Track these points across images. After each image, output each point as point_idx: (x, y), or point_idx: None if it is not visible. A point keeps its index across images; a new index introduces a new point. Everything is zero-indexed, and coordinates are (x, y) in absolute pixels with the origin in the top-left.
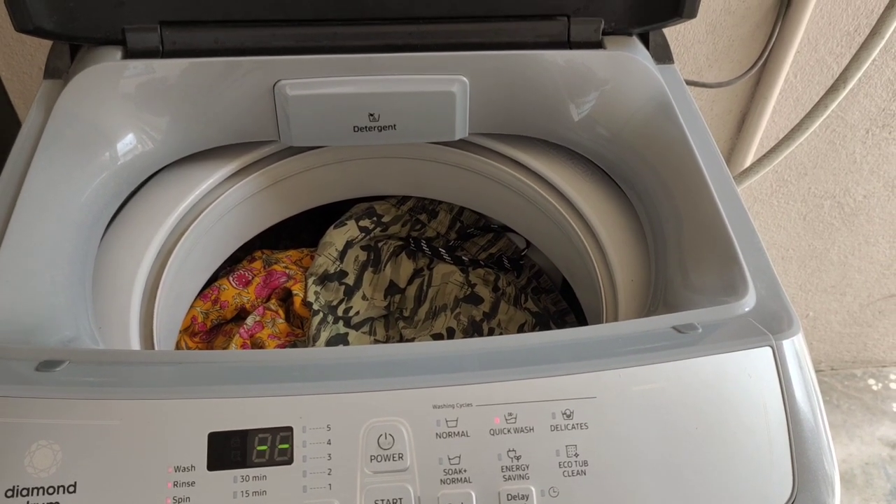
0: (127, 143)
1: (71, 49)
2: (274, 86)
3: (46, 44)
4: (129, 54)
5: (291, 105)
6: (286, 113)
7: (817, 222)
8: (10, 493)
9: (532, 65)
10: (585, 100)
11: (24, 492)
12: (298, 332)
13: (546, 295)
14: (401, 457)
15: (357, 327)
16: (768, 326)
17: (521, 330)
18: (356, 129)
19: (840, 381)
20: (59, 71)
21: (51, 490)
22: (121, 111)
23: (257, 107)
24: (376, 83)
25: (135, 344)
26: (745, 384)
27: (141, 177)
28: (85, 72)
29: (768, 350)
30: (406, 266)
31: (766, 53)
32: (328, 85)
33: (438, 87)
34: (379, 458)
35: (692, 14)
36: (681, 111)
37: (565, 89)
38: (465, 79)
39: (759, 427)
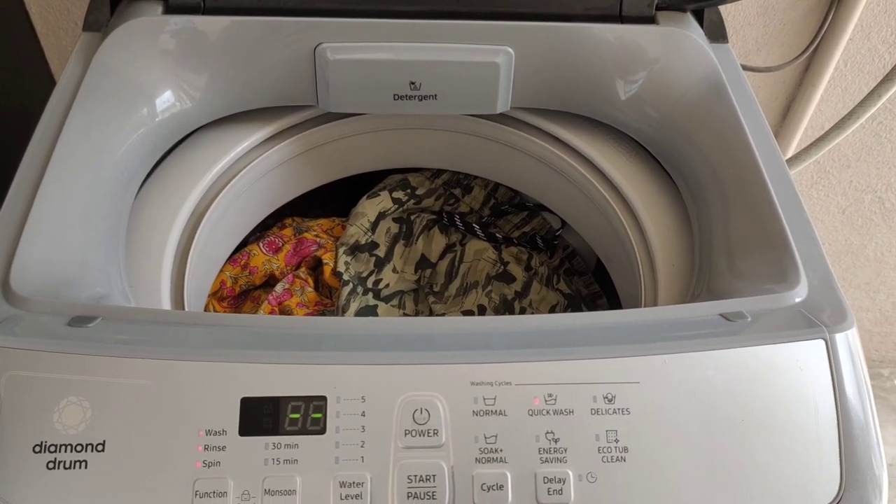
0: (165, 100)
1: (111, 2)
2: (315, 49)
3: None
4: (170, 9)
5: (332, 69)
6: (326, 77)
7: (856, 217)
8: (38, 449)
9: (581, 38)
10: (634, 77)
11: (52, 448)
12: (327, 301)
13: (578, 277)
14: (436, 433)
15: (386, 300)
16: (821, 319)
17: (552, 311)
18: (396, 97)
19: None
20: (98, 24)
21: (79, 447)
22: (160, 67)
23: (297, 70)
24: (419, 51)
25: (165, 304)
26: (795, 377)
27: (178, 135)
28: (125, 25)
29: (821, 343)
30: (438, 240)
31: (818, 40)
32: (370, 50)
33: (483, 57)
34: (413, 433)
35: None
36: (734, 93)
37: (614, 66)
38: (510, 50)
39: (807, 422)
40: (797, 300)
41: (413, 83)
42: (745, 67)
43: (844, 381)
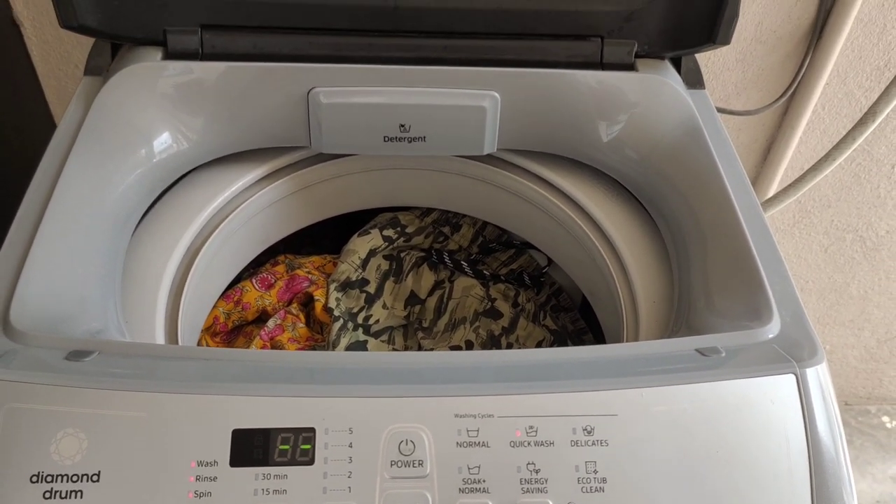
0: (162, 141)
1: (112, 48)
2: (308, 93)
3: (83, 43)
4: (169, 55)
5: (324, 112)
6: (319, 120)
7: (838, 255)
8: (35, 479)
9: (564, 84)
10: (615, 121)
11: (49, 478)
12: (318, 337)
13: (565, 313)
14: (421, 463)
15: (376, 335)
16: (792, 354)
17: (539, 346)
18: (386, 139)
19: (854, 417)
20: (99, 68)
21: (75, 478)
22: (158, 110)
23: (290, 112)
24: (408, 94)
25: (160, 339)
26: (767, 410)
27: (174, 175)
28: (125, 70)
29: (792, 377)
30: (427, 277)
31: (795, 84)
32: (361, 94)
33: (470, 101)
34: (399, 464)
35: (726, 41)
36: (711, 137)
37: (596, 110)
38: (496, 94)
39: (779, 455)
40: (770, 336)
41: (403, 126)
42: (724, 111)
43: (815, 415)
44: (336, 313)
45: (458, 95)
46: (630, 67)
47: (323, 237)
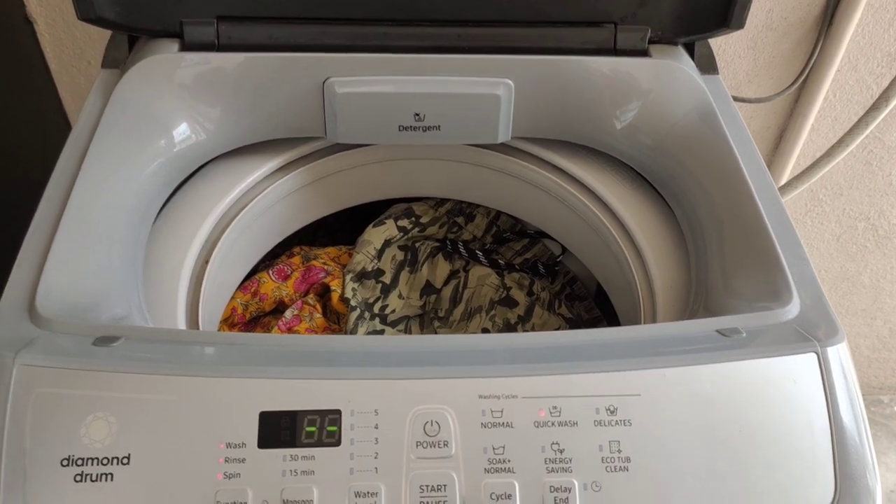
0: (181, 132)
1: (129, 40)
2: (324, 83)
3: (96, 39)
4: (186, 47)
5: (339, 102)
6: (334, 110)
7: (850, 244)
8: (65, 462)
9: (577, 70)
10: (629, 107)
11: (80, 461)
12: (335, 327)
13: (580, 302)
14: (446, 444)
15: (393, 325)
16: (812, 333)
17: None
18: (401, 128)
19: (866, 407)
20: (117, 61)
21: (105, 461)
22: (176, 101)
23: (306, 103)
24: (423, 83)
25: (181, 328)
26: (789, 390)
27: (192, 166)
28: (143, 62)
29: (813, 356)
30: (442, 267)
31: (807, 71)
32: (376, 84)
33: (484, 89)
34: (425, 445)
35: (740, 24)
36: (725, 121)
37: (609, 96)
38: (510, 82)
39: (802, 433)
40: (790, 317)
41: (417, 115)
42: (736, 99)
43: (837, 393)
44: (352, 303)
45: (472, 83)
46: (643, 53)
47: (338, 229)
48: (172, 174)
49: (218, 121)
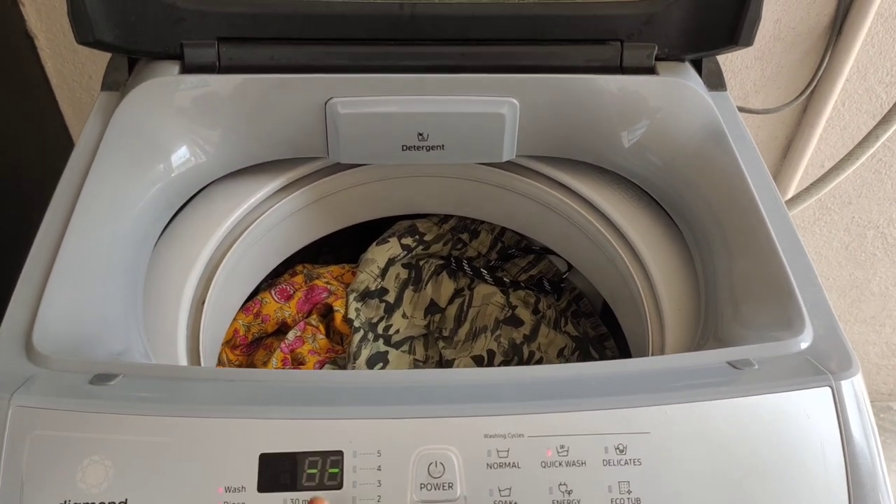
0: (181, 155)
1: (129, 62)
2: (325, 103)
3: (97, 55)
4: (187, 69)
5: (342, 122)
6: (336, 130)
7: (859, 252)
8: None
9: (583, 89)
10: (637, 126)
11: None
12: (339, 348)
13: (586, 319)
14: (451, 486)
15: (397, 346)
16: (826, 365)
17: (560, 353)
18: (404, 147)
19: (876, 414)
20: (116, 84)
21: None
22: (176, 124)
23: (308, 123)
24: (426, 103)
25: (182, 355)
26: (802, 425)
27: (193, 189)
28: (142, 85)
29: (828, 390)
30: (447, 286)
31: (815, 81)
32: (379, 104)
33: (488, 108)
34: (429, 487)
35: (748, 42)
36: (733, 139)
37: (616, 115)
38: (515, 101)
39: (816, 469)
40: (802, 346)
41: (421, 134)
42: (743, 110)
43: (851, 427)
44: (356, 324)
45: (476, 103)
46: (650, 71)
47: (341, 246)
48: (172, 198)
49: (218, 143)
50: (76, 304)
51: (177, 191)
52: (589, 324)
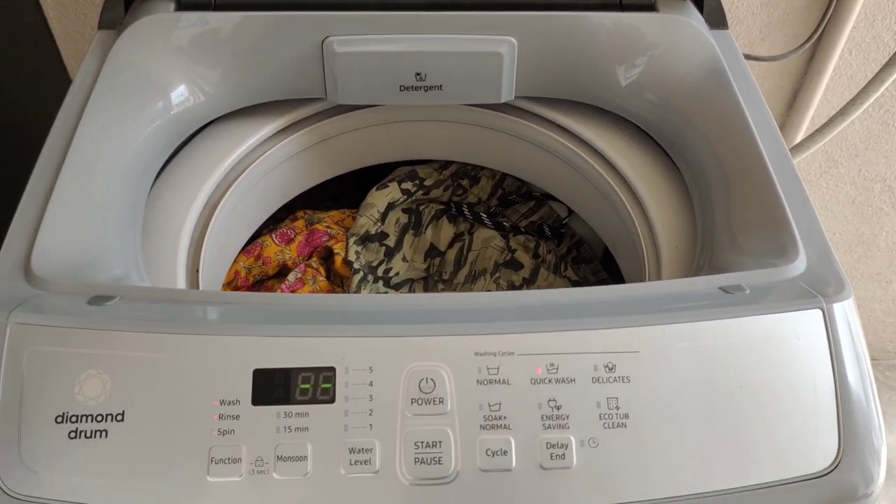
0: (179, 94)
1: (125, 1)
2: (322, 42)
3: (98, 3)
4: (182, 6)
5: (339, 62)
6: (333, 70)
7: (866, 206)
8: (59, 420)
9: (581, 26)
10: (635, 64)
11: (74, 418)
12: (339, 290)
13: (586, 265)
14: (441, 401)
15: (396, 287)
16: (819, 290)
17: None
18: (402, 88)
19: (881, 372)
20: (113, 22)
21: (99, 418)
22: (174, 62)
23: (305, 63)
24: (424, 42)
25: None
26: (792, 346)
27: (191, 129)
28: (138, 22)
29: (818, 312)
30: (447, 230)
31: (822, 28)
32: (376, 42)
33: (486, 47)
34: (420, 402)
35: None
36: (734, 78)
37: (614, 53)
38: (513, 39)
39: (805, 390)
40: (796, 274)
41: (419, 74)
42: (749, 57)
43: (842, 350)
44: (356, 266)
45: (474, 41)
46: (650, 8)
47: (342, 194)
48: (171, 136)
49: (216, 82)
50: (75, 231)
51: (175, 129)
52: (589, 269)
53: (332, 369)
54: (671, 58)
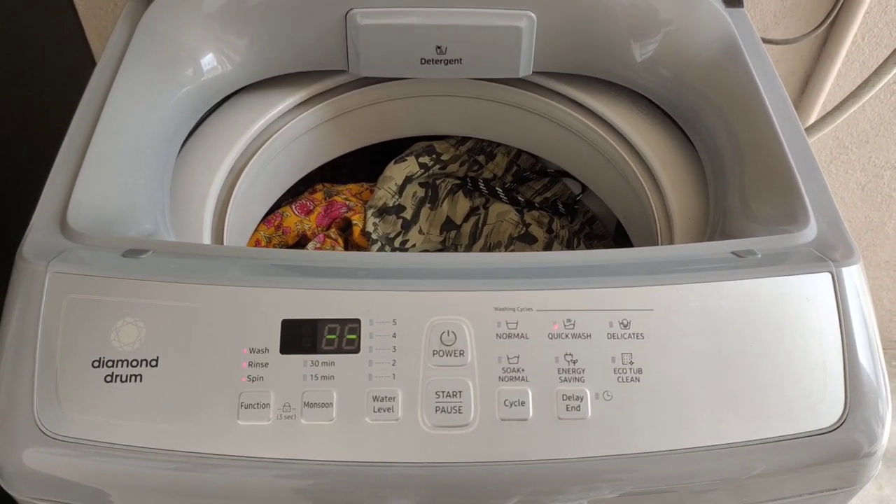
0: (208, 62)
1: None
2: (346, 14)
3: None
4: None
5: (361, 34)
6: (356, 42)
7: (875, 193)
8: (96, 364)
9: (599, 2)
10: (649, 39)
11: (110, 363)
12: None
13: (599, 241)
14: (462, 353)
15: None
16: (828, 255)
17: None
18: (423, 61)
19: (888, 361)
20: None
21: (134, 363)
22: (203, 31)
23: (329, 35)
24: (445, 15)
25: None
26: (802, 307)
27: (218, 97)
28: None
29: (827, 276)
30: (462, 203)
31: (835, 12)
32: (398, 15)
33: (506, 21)
34: (441, 353)
35: None
36: (749, 54)
37: (629, 28)
38: (532, 14)
39: (813, 349)
40: (807, 240)
41: (439, 47)
42: (764, 40)
43: (850, 313)
44: (374, 237)
45: (494, 16)
46: None
47: (359, 170)
48: (198, 103)
49: (243, 51)
50: (108, 189)
51: (203, 97)
52: (602, 246)
53: (358, 321)
54: (686, 33)
